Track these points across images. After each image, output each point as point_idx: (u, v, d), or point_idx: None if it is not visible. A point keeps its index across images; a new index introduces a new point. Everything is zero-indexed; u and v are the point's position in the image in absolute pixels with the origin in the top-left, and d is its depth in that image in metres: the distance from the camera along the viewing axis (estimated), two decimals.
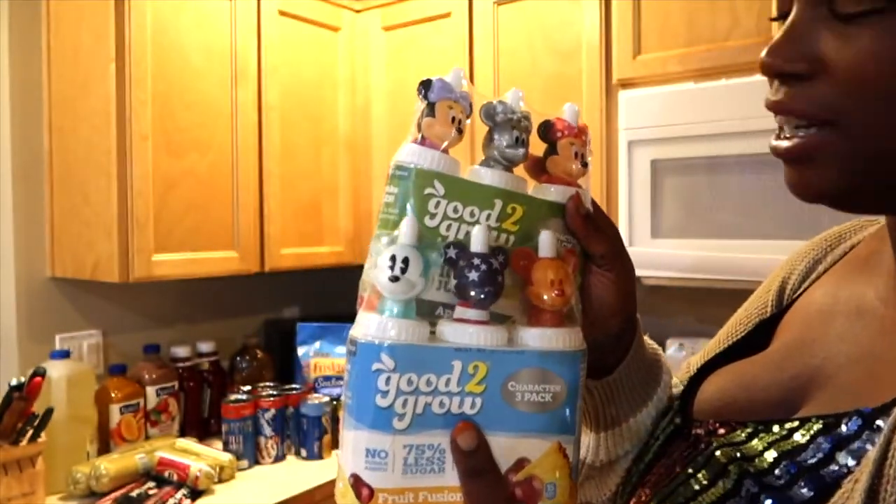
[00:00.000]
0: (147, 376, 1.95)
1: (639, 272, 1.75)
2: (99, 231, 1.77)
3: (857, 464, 0.39)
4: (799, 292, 0.58)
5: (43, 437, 1.62)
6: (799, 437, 0.43)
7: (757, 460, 0.44)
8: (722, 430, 0.49)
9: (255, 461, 1.96)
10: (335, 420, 2.05)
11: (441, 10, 2.13)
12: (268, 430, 1.97)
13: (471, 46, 2.07)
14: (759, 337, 0.58)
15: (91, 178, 1.79)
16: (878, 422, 0.40)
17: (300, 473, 1.90)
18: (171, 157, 1.82)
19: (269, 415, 1.97)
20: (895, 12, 0.39)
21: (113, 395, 1.86)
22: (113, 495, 1.67)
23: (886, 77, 0.40)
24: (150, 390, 1.94)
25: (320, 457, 2.00)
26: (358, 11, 2.31)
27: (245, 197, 2.00)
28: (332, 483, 1.86)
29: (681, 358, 1.85)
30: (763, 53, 0.43)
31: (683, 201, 1.69)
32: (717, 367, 0.57)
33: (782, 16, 0.45)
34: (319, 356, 2.24)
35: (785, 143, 0.44)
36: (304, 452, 2.01)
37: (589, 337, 0.47)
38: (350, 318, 0.44)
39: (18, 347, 1.85)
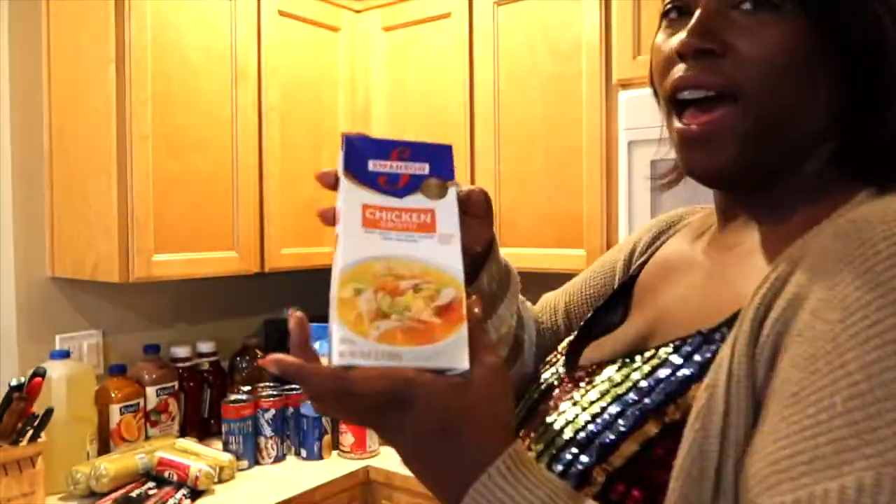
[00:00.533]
0: (147, 376, 1.95)
1: None
2: (99, 231, 1.77)
3: (697, 371, 0.49)
4: (644, 258, 0.72)
5: (43, 437, 1.62)
6: (655, 361, 0.53)
7: (622, 387, 0.54)
8: (599, 370, 0.58)
9: (255, 461, 1.96)
10: (335, 420, 2.05)
11: (441, 10, 2.13)
12: (268, 431, 1.97)
13: (471, 46, 2.07)
14: (619, 294, 0.71)
15: (91, 178, 1.79)
16: (715, 335, 0.50)
17: (300, 473, 1.90)
18: (171, 157, 1.82)
19: (268, 415, 1.97)
20: (792, 11, 0.50)
21: (113, 395, 1.86)
22: (113, 495, 1.67)
23: (782, 62, 0.50)
24: (150, 390, 1.94)
25: (320, 457, 2.00)
26: (358, 11, 2.31)
27: (245, 197, 2.00)
28: (331, 483, 1.86)
29: None
30: (681, 37, 0.53)
31: (683, 201, 1.68)
32: (586, 332, 0.69)
33: (681, 11, 0.55)
34: (319, 356, 2.24)
35: (694, 127, 0.53)
36: (303, 452, 2.01)
37: (470, 254, 0.61)
38: None
39: (18, 347, 1.85)
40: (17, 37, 1.85)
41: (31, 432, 1.60)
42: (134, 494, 1.68)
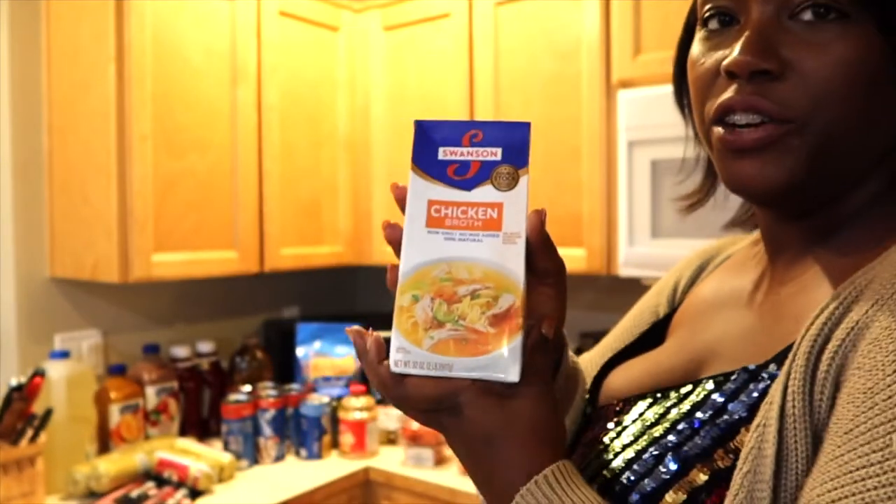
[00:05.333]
0: (147, 376, 1.95)
1: (639, 272, 1.76)
2: (99, 231, 1.77)
3: (747, 413, 0.45)
4: (686, 293, 0.67)
5: (43, 437, 1.62)
6: (694, 398, 0.49)
7: (659, 428, 0.50)
8: (628, 407, 0.55)
9: (255, 461, 1.96)
10: (335, 420, 2.05)
11: (441, 11, 2.13)
12: (267, 431, 1.97)
13: (471, 47, 2.07)
14: (653, 335, 0.66)
15: (91, 178, 1.79)
16: (763, 374, 0.47)
17: (300, 473, 1.90)
18: (170, 157, 1.82)
19: (268, 415, 1.97)
20: (860, 20, 0.44)
21: (112, 395, 1.86)
22: (113, 495, 1.67)
23: (851, 82, 0.45)
24: (150, 390, 1.94)
25: (320, 457, 2.00)
26: (358, 11, 2.31)
27: (245, 197, 1.99)
28: (331, 483, 1.86)
29: None
30: (735, 53, 0.46)
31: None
32: (617, 363, 0.65)
33: (723, 19, 0.49)
34: (319, 356, 2.24)
35: (752, 134, 0.47)
36: (303, 453, 2.01)
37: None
38: (350, 317, 0.45)
39: (18, 347, 1.85)
40: (17, 37, 1.85)
41: (31, 432, 1.60)
42: (134, 494, 1.68)
